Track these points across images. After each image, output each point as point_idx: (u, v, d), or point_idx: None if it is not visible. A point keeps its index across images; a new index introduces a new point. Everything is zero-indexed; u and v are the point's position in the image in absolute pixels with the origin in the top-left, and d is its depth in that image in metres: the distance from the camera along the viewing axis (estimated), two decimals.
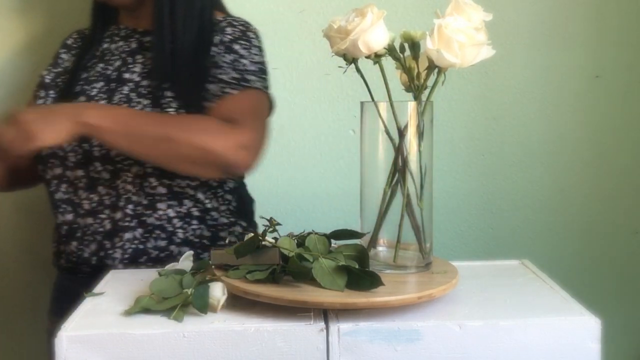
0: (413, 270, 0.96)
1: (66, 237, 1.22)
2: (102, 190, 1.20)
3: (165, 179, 1.19)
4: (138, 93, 1.21)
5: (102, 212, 1.20)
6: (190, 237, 1.21)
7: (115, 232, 1.19)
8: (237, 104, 1.20)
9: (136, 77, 1.23)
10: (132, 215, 1.19)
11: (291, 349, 0.84)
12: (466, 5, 0.91)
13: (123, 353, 0.83)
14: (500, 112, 1.59)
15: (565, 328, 0.87)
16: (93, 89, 1.23)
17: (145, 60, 1.25)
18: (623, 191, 1.62)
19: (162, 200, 1.19)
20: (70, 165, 1.20)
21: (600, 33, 1.57)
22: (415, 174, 0.95)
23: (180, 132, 1.12)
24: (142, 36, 1.28)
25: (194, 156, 1.13)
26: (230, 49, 1.24)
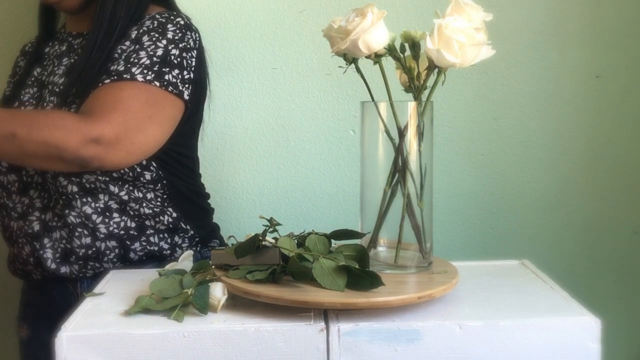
0: (413, 270, 0.96)
1: (8, 241, 1.25)
2: (34, 193, 1.20)
3: (73, 177, 1.17)
4: (51, 92, 1.20)
5: (31, 215, 1.20)
6: (114, 230, 1.19)
7: (44, 232, 1.20)
8: (102, 95, 1.13)
9: (56, 79, 1.22)
10: (59, 215, 1.19)
11: (291, 349, 0.84)
12: (466, 5, 0.91)
13: (123, 353, 0.83)
14: (500, 112, 1.58)
15: (565, 328, 0.87)
16: (26, 94, 1.24)
17: (69, 61, 1.24)
18: (623, 191, 1.62)
19: (76, 198, 1.18)
20: (2, 170, 1.21)
21: (600, 33, 1.57)
22: (415, 174, 0.95)
23: (23, 128, 1.06)
24: (74, 39, 1.27)
25: (38, 152, 1.07)
26: (137, 41, 1.19)
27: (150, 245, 1.21)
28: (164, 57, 1.17)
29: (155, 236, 1.21)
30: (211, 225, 1.36)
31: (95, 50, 1.18)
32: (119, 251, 1.19)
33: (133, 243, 1.20)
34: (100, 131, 1.07)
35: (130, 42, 1.19)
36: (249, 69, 1.54)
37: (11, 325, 1.41)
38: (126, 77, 1.13)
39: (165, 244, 1.22)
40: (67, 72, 1.22)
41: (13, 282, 1.53)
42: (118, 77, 1.13)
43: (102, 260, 1.19)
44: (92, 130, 1.07)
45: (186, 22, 1.24)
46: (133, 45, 1.18)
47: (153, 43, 1.18)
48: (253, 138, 1.56)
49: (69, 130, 1.07)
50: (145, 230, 1.21)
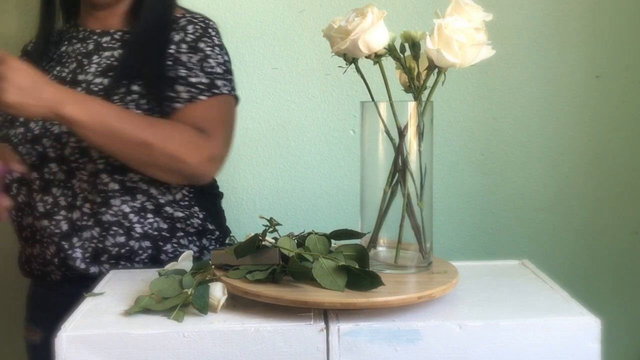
0: (413, 270, 0.96)
1: (30, 240, 1.23)
2: (57, 191, 1.20)
3: (117, 175, 1.18)
4: (89, 91, 1.20)
5: (57, 214, 1.19)
6: (148, 230, 1.20)
7: (73, 232, 1.19)
8: (207, 112, 1.20)
9: (90, 77, 1.23)
10: (89, 214, 1.19)
11: (291, 349, 0.84)
12: (466, 5, 0.91)
13: (123, 353, 0.83)
14: (500, 112, 1.58)
15: (565, 328, 0.87)
16: None
17: (101, 60, 1.25)
18: (623, 191, 1.62)
19: (115, 197, 1.19)
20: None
21: (600, 33, 1.57)
22: (415, 174, 0.95)
23: (159, 140, 1.12)
24: (99, 37, 1.28)
25: (166, 164, 1.14)
26: (195, 48, 1.23)
27: (180, 247, 1.22)
28: (225, 65, 1.26)
29: (185, 239, 1.23)
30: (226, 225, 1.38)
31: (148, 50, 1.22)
32: (151, 252, 1.20)
33: (165, 244, 1.21)
34: (214, 150, 1.17)
35: (180, 46, 1.23)
36: (249, 69, 1.55)
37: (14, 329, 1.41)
38: (216, 91, 1.21)
39: (194, 246, 1.24)
40: (104, 71, 1.22)
41: (17, 285, 1.53)
42: (211, 92, 1.21)
43: (134, 260, 1.19)
44: (209, 149, 1.16)
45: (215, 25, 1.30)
46: (193, 52, 1.23)
47: (212, 50, 1.25)
48: (253, 138, 1.56)
49: (194, 147, 1.15)
50: (176, 233, 1.22)
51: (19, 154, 1.19)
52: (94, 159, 1.17)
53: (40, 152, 1.19)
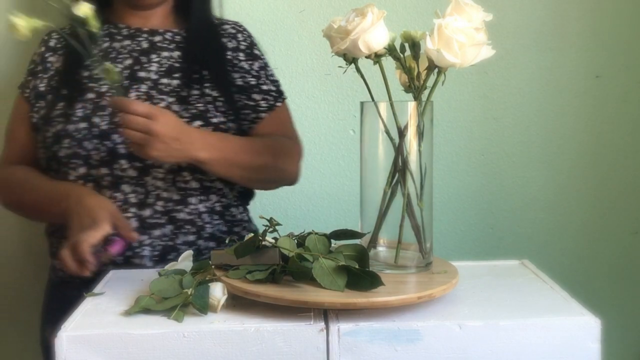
0: (413, 270, 0.96)
1: None
2: (127, 188, 1.19)
3: (198, 173, 1.20)
4: (159, 91, 1.22)
5: (127, 211, 1.18)
6: (215, 232, 1.22)
7: (143, 229, 1.18)
8: (284, 118, 1.34)
9: (153, 76, 1.24)
10: (161, 212, 1.19)
11: (291, 349, 0.84)
12: (466, 5, 0.91)
13: (123, 353, 0.83)
14: (500, 112, 1.59)
15: (565, 328, 0.86)
16: (102, 86, 1.22)
17: (160, 59, 1.26)
18: (623, 191, 1.62)
19: (193, 195, 1.20)
20: (94, 163, 1.19)
21: (600, 33, 1.57)
22: (415, 174, 0.95)
23: (270, 160, 1.24)
24: (150, 35, 1.29)
25: (275, 178, 1.29)
26: (252, 55, 1.32)
27: None
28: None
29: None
30: None
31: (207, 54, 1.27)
32: None
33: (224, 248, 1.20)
34: (300, 152, 1.32)
35: (246, 55, 1.31)
36: None
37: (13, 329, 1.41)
38: (284, 96, 1.34)
39: None
40: (168, 71, 1.25)
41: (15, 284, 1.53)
42: (282, 98, 1.33)
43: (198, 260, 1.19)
44: (298, 152, 1.31)
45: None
46: (253, 60, 1.32)
47: (264, 57, 1.35)
48: None
49: (290, 156, 1.29)
50: (231, 236, 1.23)
51: (83, 149, 1.18)
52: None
53: (110, 147, 1.18)
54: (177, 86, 1.23)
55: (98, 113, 1.19)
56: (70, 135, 1.19)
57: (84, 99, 1.21)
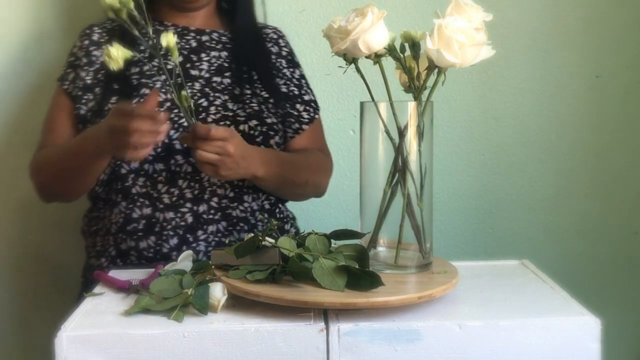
0: (413, 270, 0.96)
1: (143, 232, 1.20)
2: (183, 183, 1.19)
3: None
4: (213, 89, 1.24)
5: (183, 206, 1.19)
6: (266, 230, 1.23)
7: (198, 225, 1.18)
8: (319, 131, 1.38)
9: (205, 74, 1.26)
10: (216, 208, 1.19)
11: (291, 349, 0.84)
12: (466, 5, 0.91)
13: (123, 353, 0.83)
14: (500, 112, 1.58)
15: (565, 328, 0.86)
16: (157, 82, 1.23)
17: (210, 58, 1.28)
18: (623, 191, 1.62)
19: (248, 193, 1.21)
20: (149, 158, 1.19)
21: (600, 33, 1.57)
22: (415, 174, 0.95)
23: (311, 176, 1.29)
24: (197, 34, 1.31)
25: (312, 192, 1.34)
26: (292, 63, 1.35)
27: None
28: None
29: None
30: None
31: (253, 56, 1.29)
32: None
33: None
34: (332, 166, 1.37)
35: (287, 62, 1.35)
36: None
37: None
38: (319, 108, 1.37)
39: None
40: (218, 70, 1.27)
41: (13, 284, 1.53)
42: (318, 109, 1.37)
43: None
44: (330, 167, 1.37)
45: None
46: (294, 67, 1.35)
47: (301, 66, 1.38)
48: None
49: (325, 171, 1.35)
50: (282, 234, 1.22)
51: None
52: None
53: (167, 143, 1.18)
54: (229, 85, 1.25)
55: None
56: None
57: (139, 94, 1.22)
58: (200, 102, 1.22)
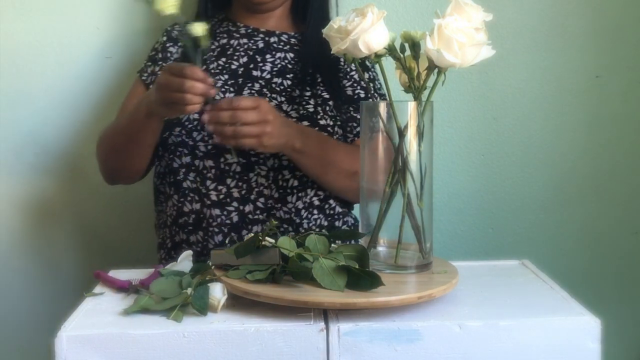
0: (413, 270, 0.96)
1: (192, 227, 1.22)
2: (231, 182, 1.20)
3: (298, 171, 1.21)
4: (271, 90, 1.25)
5: (229, 204, 1.20)
6: (312, 227, 1.23)
7: (243, 224, 1.19)
8: None
9: (266, 75, 1.27)
10: (262, 209, 1.20)
11: (291, 349, 0.84)
12: (466, 5, 0.91)
13: (123, 353, 0.83)
14: (500, 112, 1.58)
15: (565, 328, 0.87)
16: (219, 81, 1.25)
17: (275, 59, 1.29)
18: (623, 191, 1.62)
19: (292, 193, 1.21)
20: (200, 155, 1.21)
21: (600, 33, 1.57)
22: (415, 174, 0.95)
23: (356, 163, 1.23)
24: (266, 36, 1.32)
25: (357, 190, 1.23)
26: (363, 66, 1.31)
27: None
28: None
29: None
30: None
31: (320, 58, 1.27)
32: None
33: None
34: None
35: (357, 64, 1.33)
36: None
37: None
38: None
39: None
40: (280, 72, 1.27)
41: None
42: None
43: None
44: None
45: None
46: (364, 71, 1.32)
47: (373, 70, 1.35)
48: None
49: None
50: (330, 231, 1.23)
51: (192, 139, 1.20)
52: (279, 155, 1.19)
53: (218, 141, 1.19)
54: (288, 86, 1.26)
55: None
56: (182, 124, 1.21)
57: None
58: None
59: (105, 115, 1.49)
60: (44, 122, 1.51)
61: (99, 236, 1.56)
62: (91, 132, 1.50)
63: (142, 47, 1.46)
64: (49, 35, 1.49)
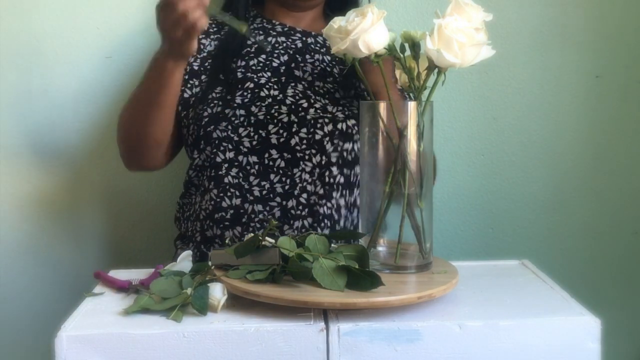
0: (413, 270, 0.96)
1: (230, 222, 1.21)
2: (274, 177, 1.20)
3: (346, 168, 1.21)
4: (315, 92, 1.24)
5: (272, 200, 1.20)
6: (349, 226, 1.23)
7: (285, 220, 1.19)
8: None
9: (308, 77, 1.26)
10: (304, 204, 1.19)
11: (291, 349, 0.84)
12: (466, 5, 0.91)
13: (123, 353, 0.83)
14: (500, 112, 1.58)
15: (565, 328, 0.87)
16: (261, 78, 1.24)
17: (314, 61, 1.28)
18: (623, 191, 1.61)
19: (337, 190, 1.21)
20: (244, 150, 1.20)
21: (600, 33, 1.57)
22: (415, 174, 0.95)
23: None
24: (303, 36, 1.31)
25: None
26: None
27: None
28: None
29: None
30: None
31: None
32: None
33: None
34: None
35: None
36: None
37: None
38: None
39: None
40: (321, 75, 1.27)
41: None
42: None
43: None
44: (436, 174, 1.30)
45: None
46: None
47: None
48: None
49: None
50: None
51: (237, 134, 1.20)
52: (327, 152, 1.19)
53: (263, 137, 1.19)
54: (330, 89, 1.26)
55: (256, 103, 1.21)
56: (228, 120, 1.21)
57: (244, 87, 1.23)
58: (300, 103, 1.22)
59: (105, 115, 1.49)
60: (44, 122, 1.51)
61: (99, 236, 1.56)
62: (91, 132, 1.50)
63: (142, 47, 1.46)
64: (49, 35, 1.49)
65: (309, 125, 1.19)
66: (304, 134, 1.19)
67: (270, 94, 1.22)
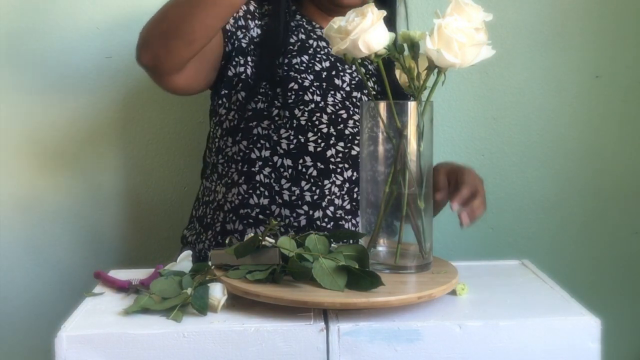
0: (413, 270, 0.96)
1: (254, 220, 1.20)
2: (305, 185, 1.19)
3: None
4: (353, 103, 1.24)
5: (300, 207, 1.19)
6: None
7: (309, 229, 1.18)
8: None
9: (346, 87, 1.25)
10: (330, 217, 1.19)
11: (291, 349, 0.84)
12: (466, 5, 0.91)
13: (123, 353, 0.83)
14: (500, 112, 1.58)
15: (565, 328, 0.87)
16: (305, 80, 1.22)
17: (352, 72, 1.27)
18: (623, 191, 1.62)
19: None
20: (280, 152, 1.19)
21: (600, 33, 1.57)
22: (415, 174, 0.95)
23: None
24: None
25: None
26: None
27: None
28: None
29: None
30: None
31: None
32: None
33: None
34: None
35: None
36: None
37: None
38: None
39: None
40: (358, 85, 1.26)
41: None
42: None
43: None
44: None
45: None
46: None
47: None
48: None
49: None
50: None
51: (277, 135, 1.19)
52: (357, 166, 1.18)
53: (302, 142, 1.19)
54: (366, 100, 1.24)
55: (300, 106, 1.20)
56: (272, 119, 1.20)
57: (288, 87, 1.21)
58: (340, 114, 1.22)
59: (105, 115, 1.50)
60: (43, 122, 1.51)
61: (99, 236, 1.56)
62: (91, 132, 1.50)
63: None
64: (49, 35, 1.49)
65: (347, 140, 1.20)
66: (340, 147, 1.20)
67: (313, 99, 1.21)
